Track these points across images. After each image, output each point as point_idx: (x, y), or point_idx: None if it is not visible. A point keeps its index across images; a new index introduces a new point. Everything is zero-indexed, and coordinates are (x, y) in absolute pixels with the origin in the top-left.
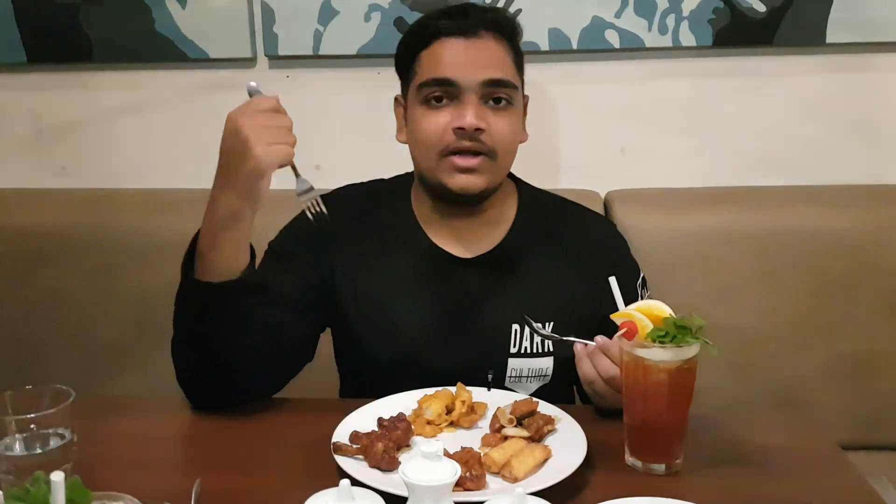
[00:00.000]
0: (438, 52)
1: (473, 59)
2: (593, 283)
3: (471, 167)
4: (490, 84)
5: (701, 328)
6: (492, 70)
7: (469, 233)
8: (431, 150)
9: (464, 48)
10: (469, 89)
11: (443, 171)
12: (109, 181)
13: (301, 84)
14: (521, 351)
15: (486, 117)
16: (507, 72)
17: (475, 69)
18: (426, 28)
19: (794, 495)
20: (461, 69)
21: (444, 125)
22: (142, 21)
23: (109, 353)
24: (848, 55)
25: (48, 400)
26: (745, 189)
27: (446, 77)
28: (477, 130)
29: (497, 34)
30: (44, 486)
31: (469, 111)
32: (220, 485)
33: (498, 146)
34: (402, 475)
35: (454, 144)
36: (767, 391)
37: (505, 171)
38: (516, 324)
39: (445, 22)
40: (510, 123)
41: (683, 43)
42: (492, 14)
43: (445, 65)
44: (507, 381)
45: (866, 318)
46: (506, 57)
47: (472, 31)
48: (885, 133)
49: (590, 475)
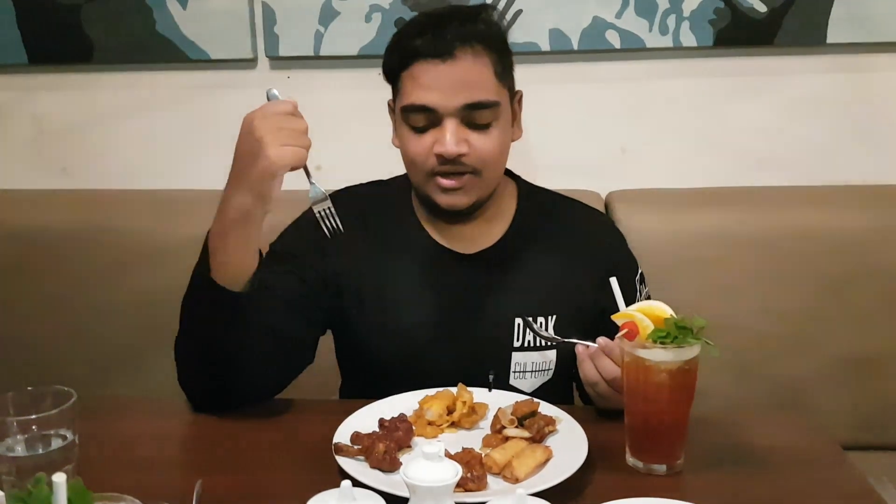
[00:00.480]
0: (416, 77)
1: (451, 83)
2: (592, 278)
3: (455, 187)
4: (470, 107)
5: (702, 329)
6: (470, 93)
7: (469, 231)
8: (418, 171)
9: (440, 72)
10: (447, 114)
11: (430, 189)
12: (110, 182)
13: (302, 85)
14: (524, 345)
15: (468, 138)
16: (487, 90)
17: (453, 94)
18: (404, 49)
19: (796, 495)
20: (439, 95)
21: (427, 149)
22: (143, 22)
23: (111, 353)
24: (849, 55)
25: (50, 401)
26: (746, 189)
27: (425, 104)
28: (459, 155)
29: (476, 47)
30: (45, 488)
31: (448, 137)
32: (222, 485)
33: (482, 164)
34: (403, 476)
35: (438, 168)
36: (768, 391)
37: (494, 182)
38: (519, 318)
39: (421, 42)
40: (494, 139)
41: (684, 43)
42: (470, 26)
43: (423, 91)
44: (512, 376)
45: (867, 318)
46: (485, 73)
47: (449, 51)
48: (885, 133)
49: (591, 476)
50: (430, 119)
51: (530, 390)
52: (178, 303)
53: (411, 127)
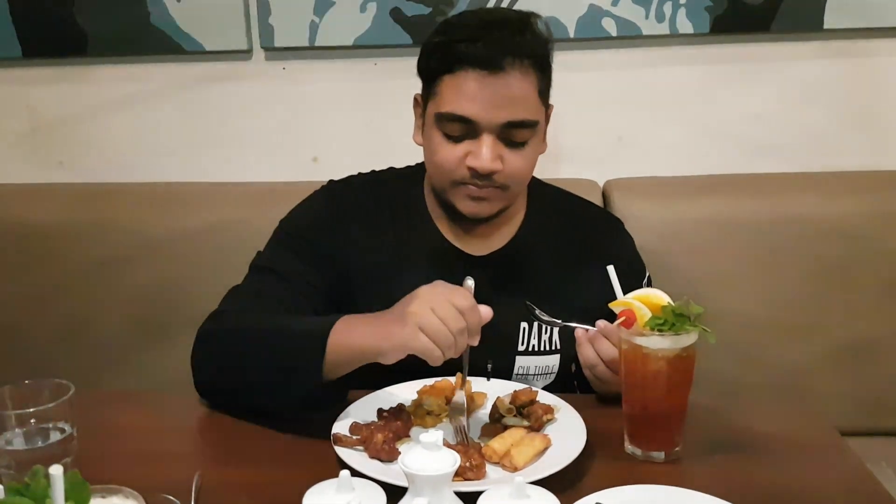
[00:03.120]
0: (460, 85)
1: (496, 98)
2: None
3: (482, 196)
4: (511, 125)
5: (699, 316)
6: (513, 111)
7: (481, 231)
8: (445, 178)
9: (487, 85)
10: (488, 129)
11: (455, 196)
12: (107, 175)
13: (297, 76)
14: (528, 349)
15: (502, 154)
16: (529, 109)
17: (496, 109)
18: (450, 51)
19: (794, 481)
20: (482, 109)
21: (459, 158)
22: (137, 14)
23: (108, 346)
24: (845, 41)
25: (48, 394)
26: (744, 176)
27: (466, 115)
28: (493, 171)
29: (525, 63)
30: (43, 480)
31: (485, 152)
32: (220, 477)
33: (511, 181)
34: (401, 465)
35: (468, 180)
36: (766, 378)
37: (518, 195)
38: (525, 322)
39: (471, 48)
40: (527, 157)
41: (681, 30)
42: (522, 40)
43: (466, 101)
44: (514, 377)
45: (865, 303)
46: (530, 91)
47: (497, 63)
48: (883, 119)
49: (589, 464)
50: (466, 130)
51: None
52: (174, 295)
53: (445, 134)
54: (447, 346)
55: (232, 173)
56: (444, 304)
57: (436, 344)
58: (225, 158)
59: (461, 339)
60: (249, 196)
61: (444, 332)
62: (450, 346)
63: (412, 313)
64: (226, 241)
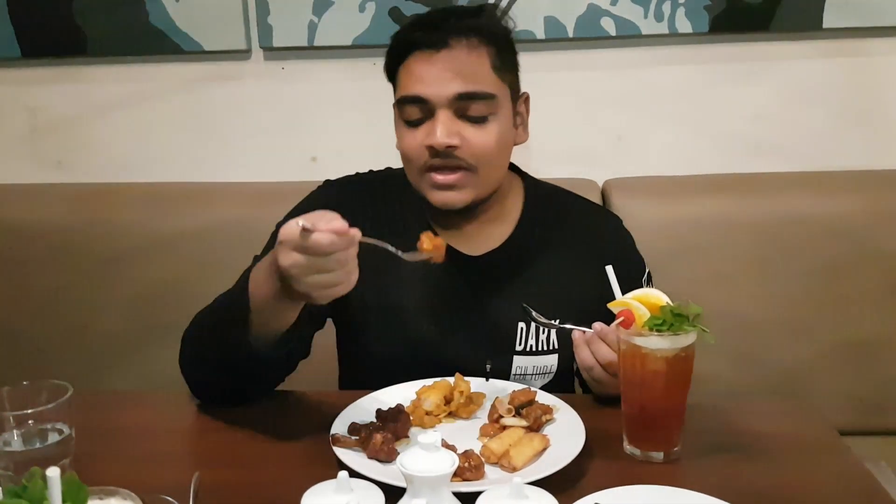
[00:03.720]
0: (411, 68)
1: (442, 72)
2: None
3: (449, 183)
4: (462, 98)
5: (698, 316)
6: (462, 83)
7: (475, 230)
8: (412, 167)
9: (433, 61)
10: (440, 105)
11: (424, 187)
12: (106, 175)
13: (296, 75)
14: (526, 349)
15: (461, 132)
16: (481, 82)
17: (444, 83)
18: (401, 42)
19: (793, 481)
20: (430, 84)
21: (419, 143)
22: (136, 14)
23: (107, 347)
24: (844, 40)
25: (46, 395)
26: (743, 176)
27: (416, 94)
28: (450, 147)
29: (473, 39)
30: (40, 482)
31: (439, 127)
32: (219, 478)
33: (477, 160)
34: (400, 466)
35: (430, 162)
36: (765, 377)
37: (493, 182)
38: (522, 322)
39: (419, 34)
40: (490, 134)
41: (679, 30)
42: (470, 20)
43: (415, 81)
44: (512, 378)
45: (864, 303)
46: (480, 64)
47: (442, 40)
48: (882, 118)
49: (588, 464)
50: (423, 111)
51: None
52: (173, 295)
53: (406, 121)
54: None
55: (231, 173)
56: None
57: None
58: (224, 158)
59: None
60: (248, 196)
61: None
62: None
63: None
64: (224, 240)
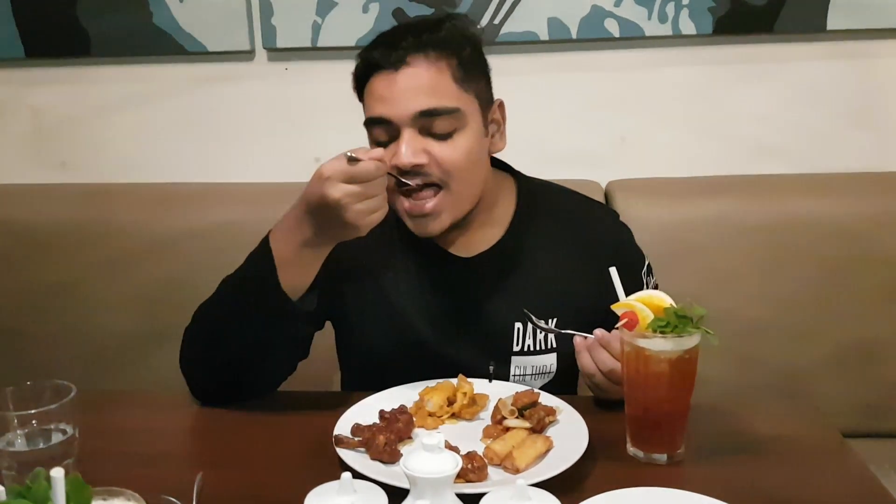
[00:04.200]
0: (372, 90)
1: (403, 91)
2: (597, 277)
3: (425, 212)
4: (424, 115)
5: (702, 318)
6: (424, 99)
7: (469, 234)
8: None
9: (392, 82)
10: (404, 124)
11: (401, 212)
12: (109, 176)
13: (300, 76)
14: (524, 349)
15: (428, 148)
16: (444, 97)
17: (405, 102)
18: (362, 63)
19: (797, 484)
20: (391, 105)
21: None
22: (140, 14)
23: (110, 347)
24: (848, 42)
25: (49, 395)
26: (747, 177)
27: (379, 115)
28: (416, 166)
29: (431, 54)
30: (44, 483)
31: (403, 147)
32: (222, 479)
33: (447, 175)
34: (403, 468)
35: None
36: (769, 380)
37: (469, 196)
38: (519, 322)
39: (376, 53)
40: (458, 148)
41: (683, 31)
42: (426, 35)
43: (377, 102)
44: (512, 379)
45: (869, 305)
46: (441, 79)
47: (400, 59)
48: (886, 119)
49: (591, 466)
50: (390, 132)
51: None
52: (176, 295)
53: (376, 142)
54: (378, 207)
55: (234, 173)
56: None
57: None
58: (227, 159)
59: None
60: (252, 196)
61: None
62: (380, 206)
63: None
64: (229, 240)
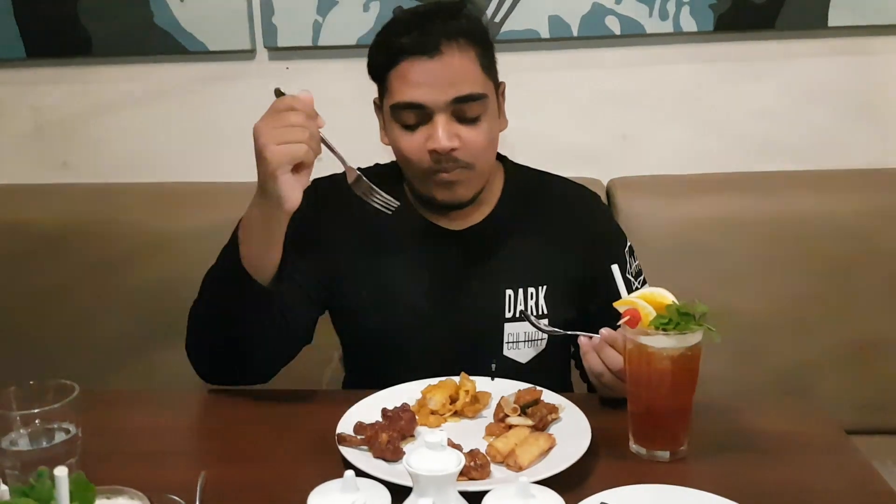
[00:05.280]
0: (404, 75)
1: (439, 79)
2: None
3: (453, 180)
4: (459, 101)
5: (704, 315)
6: (459, 87)
7: (458, 210)
8: (414, 169)
9: (428, 69)
10: (438, 110)
11: (429, 187)
12: (111, 175)
13: (301, 75)
14: (516, 315)
15: (458, 133)
16: (475, 84)
17: (442, 89)
18: (391, 47)
19: (799, 480)
20: (428, 91)
21: (419, 146)
22: (140, 14)
23: (113, 347)
24: (850, 38)
25: (52, 395)
26: (748, 175)
27: (415, 101)
28: (451, 150)
29: (461, 41)
30: (48, 482)
31: (440, 132)
32: (225, 477)
33: (473, 158)
34: (406, 466)
35: (433, 165)
36: (771, 377)
37: (487, 173)
38: (510, 290)
39: (407, 40)
40: (483, 132)
41: (684, 28)
42: (453, 22)
43: (413, 88)
44: (505, 347)
45: (871, 302)
46: (472, 67)
47: (434, 46)
48: (888, 116)
49: (594, 463)
50: (420, 116)
51: (525, 361)
52: (178, 295)
53: (402, 125)
54: (302, 138)
55: (236, 173)
56: (274, 116)
57: (296, 142)
58: (229, 158)
59: (303, 124)
60: (253, 195)
61: (292, 130)
62: (302, 138)
63: (258, 142)
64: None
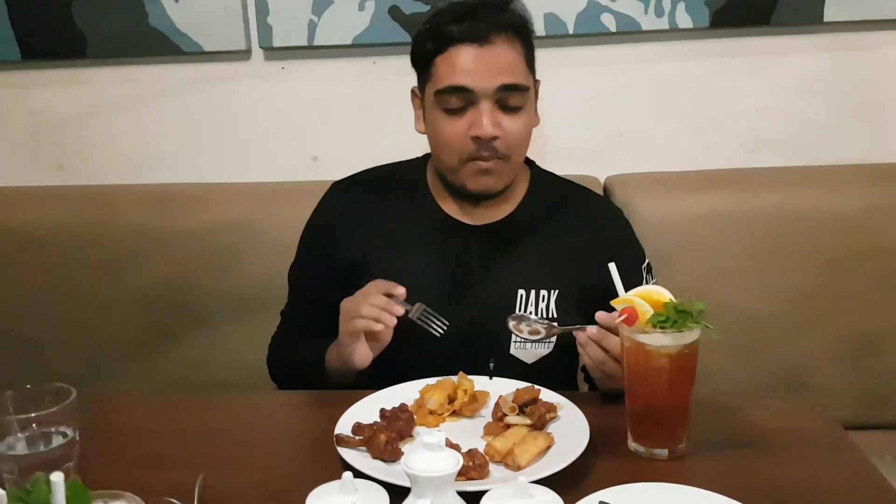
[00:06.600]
0: (453, 60)
1: (487, 66)
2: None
3: (489, 168)
4: (504, 89)
5: (701, 312)
6: (505, 76)
7: (480, 207)
8: (452, 156)
9: (478, 55)
10: (484, 96)
11: (464, 175)
12: (107, 177)
13: (296, 75)
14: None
15: (500, 121)
16: (520, 75)
17: (490, 76)
18: (440, 33)
19: (798, 476)
20: (476, 77)
21: (462, 132)
22: (135, 15)
23: (109, 349)
24: (846, 34)
25: (50, 398)
26: (745, 171)
27: (462, 85)
28: (492, 138)
29: (509, 34)
30: (44, 487)
31: (485, 119)
32: (224, 480)
33: (512, 149)
34: (404, 466)
35: (474, 153)
36: (769, 373)
37: (519, 167)
38: (522, 290)
39: (458, 27)
40: (523, 123)
41: (680, 25)
42: (504, 16)
43: (461, 73)
44: (512, 346)
45: (868, 297)
46: (518, 59)
47: (485, 36)
48: (884, 111)
49: (593, 462)
50: (464, 101)
51: (531, 361)
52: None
53: (445, 110)
54: (371, 314)
55: (232, 173)
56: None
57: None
58: (225, 159)
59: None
60: (250, 196)
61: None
62: (372, 313)
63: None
64: (226, 241)
